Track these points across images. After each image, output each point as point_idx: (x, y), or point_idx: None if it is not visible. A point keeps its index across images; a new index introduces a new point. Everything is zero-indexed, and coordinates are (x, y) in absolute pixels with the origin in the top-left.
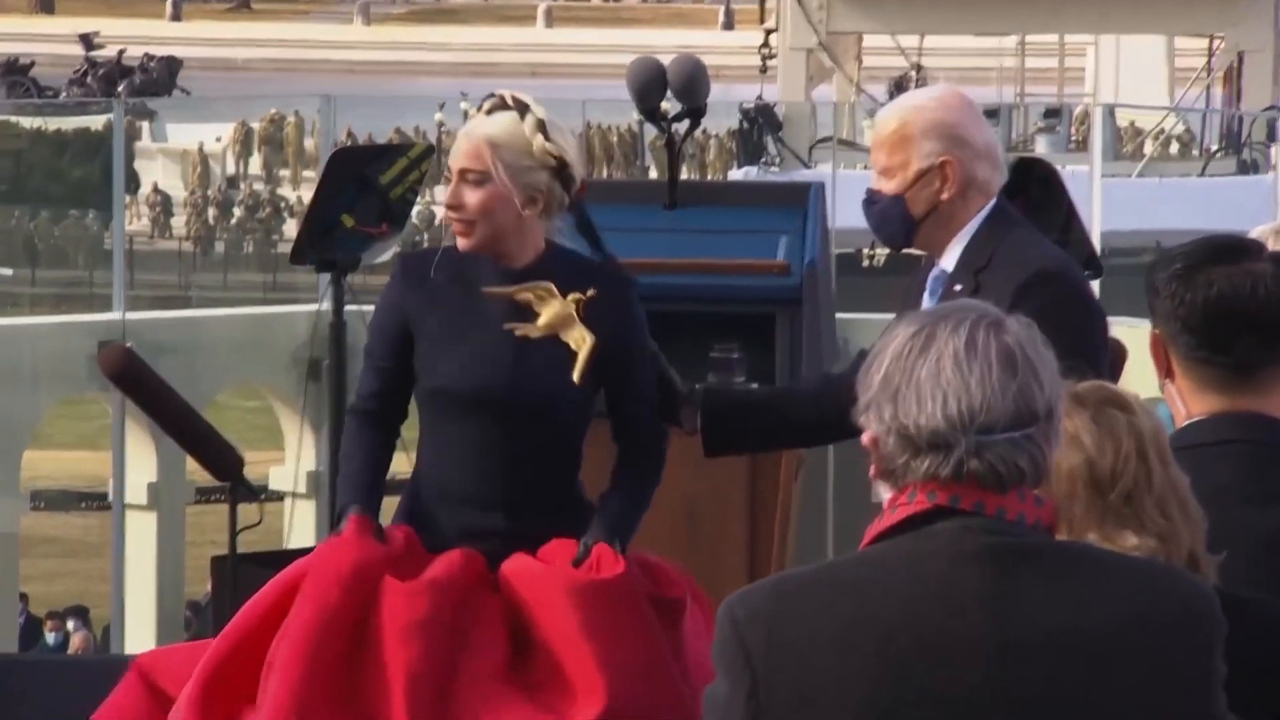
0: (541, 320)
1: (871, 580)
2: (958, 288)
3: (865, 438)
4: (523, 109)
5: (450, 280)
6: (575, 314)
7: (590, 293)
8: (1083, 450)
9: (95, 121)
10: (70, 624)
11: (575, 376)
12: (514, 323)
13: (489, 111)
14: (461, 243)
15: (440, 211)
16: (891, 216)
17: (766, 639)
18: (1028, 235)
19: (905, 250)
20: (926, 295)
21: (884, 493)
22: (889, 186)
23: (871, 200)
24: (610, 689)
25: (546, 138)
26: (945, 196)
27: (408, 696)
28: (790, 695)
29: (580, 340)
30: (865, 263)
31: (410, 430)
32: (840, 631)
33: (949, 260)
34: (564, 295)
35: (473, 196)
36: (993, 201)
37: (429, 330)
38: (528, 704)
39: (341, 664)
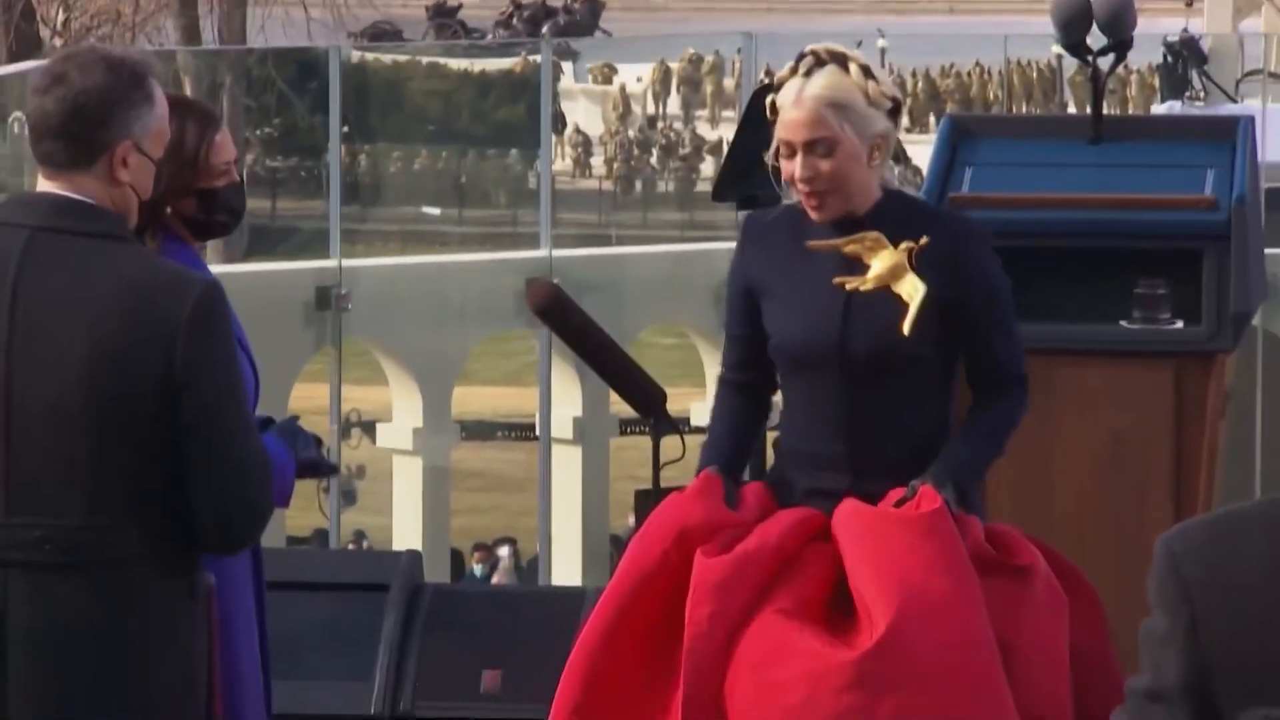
0: (872, 272)
1: None
2: None
3: None
4: (841, 60)
5: (788, 236)
6: (907, 263)
7: (923, 240)
8: None
9: (519, 63)
10: (503, 550)
11: (905, 328)
12: (844, 276)
13: (806, 73)
14: (818, 215)
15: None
16: None
17: (1205, 575)
18: None
19: None
20: None
21: None
22: None
23: None
24: (895, 617)
25: (876, 82)
26: None
27: (687, 659)
28: (1229, 631)
29: (912, 291)
30: None
31: None
32: (1278, 571)
33: None
34: (896, 244)
35: (826, 165)
36: None
37: (768, 288)
38: (817, 635)
39: (653, 622)
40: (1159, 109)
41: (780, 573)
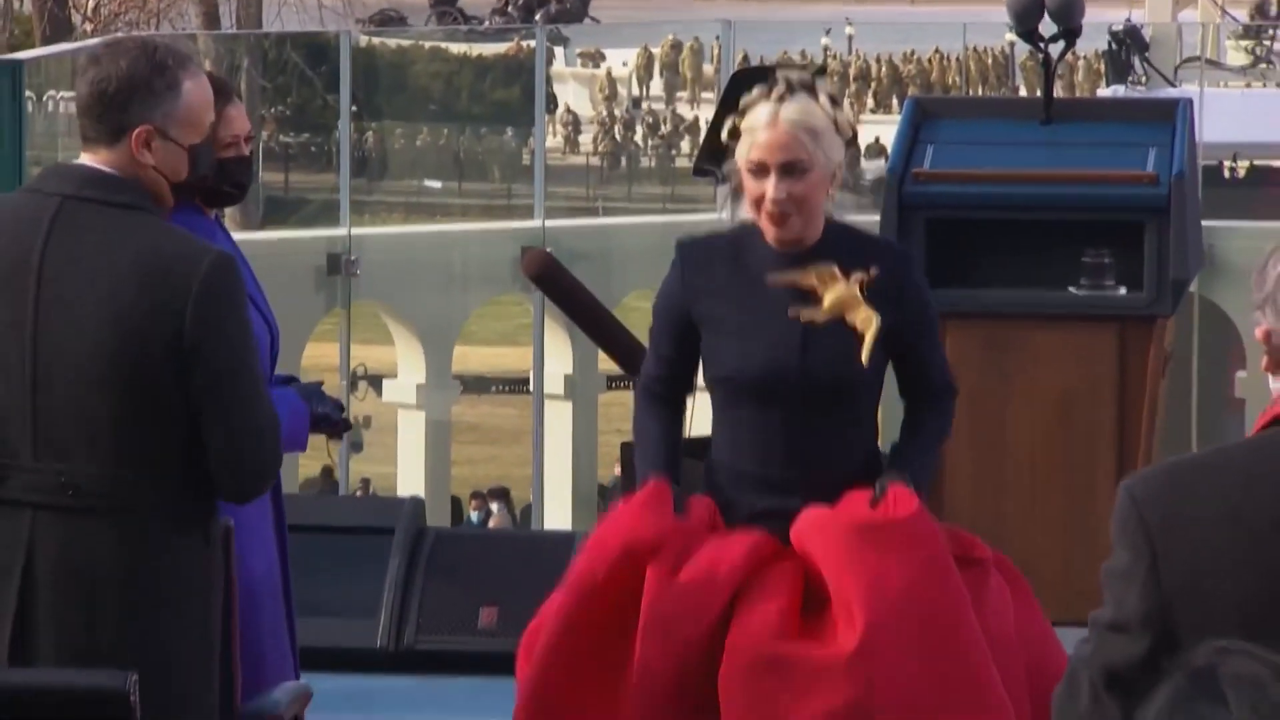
0: (826, 304)
1: (1260, 463)
2: None
3: (1259, 332)
4: (811, 89)
5: (732, 266)
6: (859, 295)
7: (873, 271)
8: None
9: (514, 47)
10: (494, 505)
11: (863, 359)
12: (799, 308)
13: (779, 98)
14: (777, 233)
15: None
16: None
17: (1163, 518)
18: None
19: None
20: None
21: (1276, 384)
22: None
23: None
24: (875, 618)
25: (841, 111)
26: None
27: (639, 689)
28: (1185, 572)
29: (866, 321)
30: (1227, 175)
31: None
32: (1231, 514)
33: None
34: (846, 275)
35: (799, 188)
36: None
37: (713, 319)
38: (795, 641)
39: (602, 638)
40: (1104, 92)
41: (744, 596)
